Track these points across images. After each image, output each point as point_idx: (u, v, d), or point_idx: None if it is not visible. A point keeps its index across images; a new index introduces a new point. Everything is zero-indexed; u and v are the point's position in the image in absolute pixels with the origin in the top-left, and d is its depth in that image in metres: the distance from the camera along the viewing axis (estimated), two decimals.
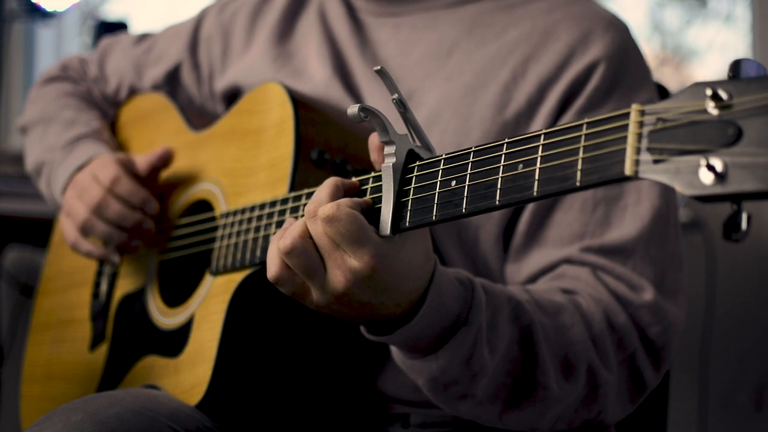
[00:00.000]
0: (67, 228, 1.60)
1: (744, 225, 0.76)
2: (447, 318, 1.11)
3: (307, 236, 1.04)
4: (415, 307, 1.09)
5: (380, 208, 1.05)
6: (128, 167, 1.56)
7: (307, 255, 1.04)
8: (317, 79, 1.53)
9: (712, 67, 3.31)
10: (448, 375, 1.14)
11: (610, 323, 1.28)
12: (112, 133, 1.80)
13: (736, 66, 0.78)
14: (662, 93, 1.60)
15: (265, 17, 1.66)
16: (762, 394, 2.57)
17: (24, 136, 1.86)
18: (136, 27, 3.19)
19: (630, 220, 1.35)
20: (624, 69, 1.40)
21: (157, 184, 1.60)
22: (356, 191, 1.09)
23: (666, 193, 1.37)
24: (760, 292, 2.56)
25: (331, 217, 1.01)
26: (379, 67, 1.03)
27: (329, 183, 1.07)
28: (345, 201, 1.03)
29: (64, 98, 1.81)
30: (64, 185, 1.64)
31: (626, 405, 1.32)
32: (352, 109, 1.03)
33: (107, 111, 1.85)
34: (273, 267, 1.08)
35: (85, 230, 1.55)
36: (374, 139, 1.09)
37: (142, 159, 1.57)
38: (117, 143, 1.78)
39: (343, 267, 1.03)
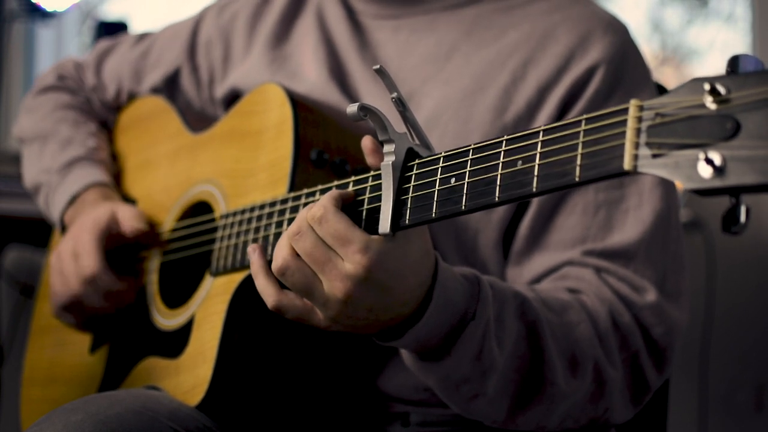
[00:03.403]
0: (51, 295, 1.62)
1: (743, 218, 0.77)
2: (455, 314, 1.12)
3: (295, 254, 1.06)
4: (421, 306, 1.09)
5: (372, 208, 1.06)
6: (111, 232, 1.56)
7: (302, 271, 1.05)
8: (312, 81, 1.53)
9: (713, 67, 3.31)
10: (459, 373, 1.15)
11: (614, 322, 1.28)
12: (110, 142, 1.80)
13: (734, 61, 0.78)
14: (662, 93, 1.59)
15: (264, 20, 1.66)
16: (762, 394, 2.56)
17: (21, 146, 1.86)
18: (136, 27, 3.18)
19: (632, 224, 1.35)
20: (624, 71, 1.40)
21: (153, 182, 1.61)
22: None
23: (668, 195, 1.37)
24: (760, 292, 2.55)
25: (320, 217, 1.03)
26: (378, 66, 1.03)
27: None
28: (327, 201, 1.05)
29: (60, 111, 1.80)
30: (60, 215, 1.67)
31: (629, 405, 1.32)
32: (352, 107, 1.03)
33: (107, 118, 1.84)
34: (270, 297, 1.11)
35: (69, 310, 1.59)
36: (367, 143, 1.09)
37: (128, 224, 1.56)
38: (117, 148, 1.79)
39: (339, 276, 1.03)
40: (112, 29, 2.79)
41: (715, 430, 2.52)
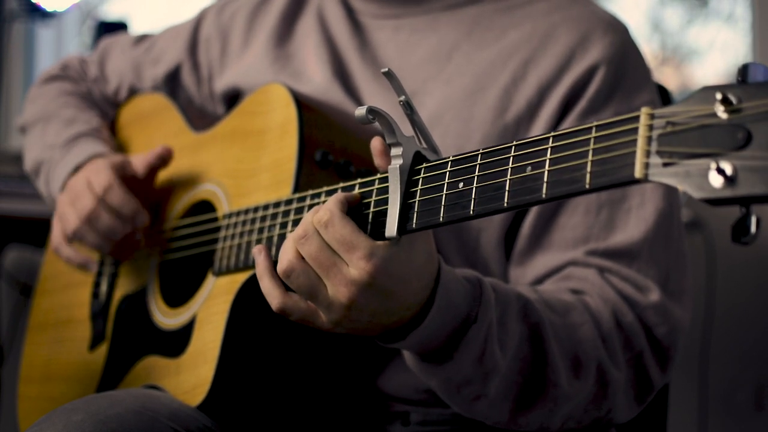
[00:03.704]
0: (55, 232, 1.61)
1: (753, 228, 0.77)
2: (457, 317, 1.12)
3: (300, 257, 1.06)
4: (424, 308, 1.09)
5: (378, 211, 1.05)
6: (124, 171, 1.55)
7: (307, 274, 1.06)
8: (317, 81, 1.53)
9: (713, 67, 3.30)
10: (461, 375, 1.15)
11: (618, 322, 1.29)
12: (111, 132, 1.80)
13: (743, 70, 0.78)
14: (662, 93, 1.60)
15: (264, 18, 1.66)
16: (762, 394, 2.57)
17: (23, 135, 1.86)
18: (136, 27, 3.18)
19: (634, 223, 1.35)
20: (624, 71, 1.40)
21: (155, 184, 1.60)
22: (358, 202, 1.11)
23: (670, 194, 1.38)
24: (760, 292, 2.56)
25: (327, 221, 1.03)
26: (386, 69, 1.03)
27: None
28: (333, 205, 1.05)
29: (64, 97, 1.81)
30: (62, 185, 1.64)
31: (633, 404, 1.33)
32: (360, 110, 1.03)
33: (107, 111, 1.84)
34: (275, 299, 1.11)
35: (76, 238, 1.55)
36: (376, 144, 1.10)
37: (140, 160, 1.56)
38: (116, 144, 1.78)
39: (343, 281, 1.04)
40: (112, 29, 2.78)
41: (715, 430, 2.53)
